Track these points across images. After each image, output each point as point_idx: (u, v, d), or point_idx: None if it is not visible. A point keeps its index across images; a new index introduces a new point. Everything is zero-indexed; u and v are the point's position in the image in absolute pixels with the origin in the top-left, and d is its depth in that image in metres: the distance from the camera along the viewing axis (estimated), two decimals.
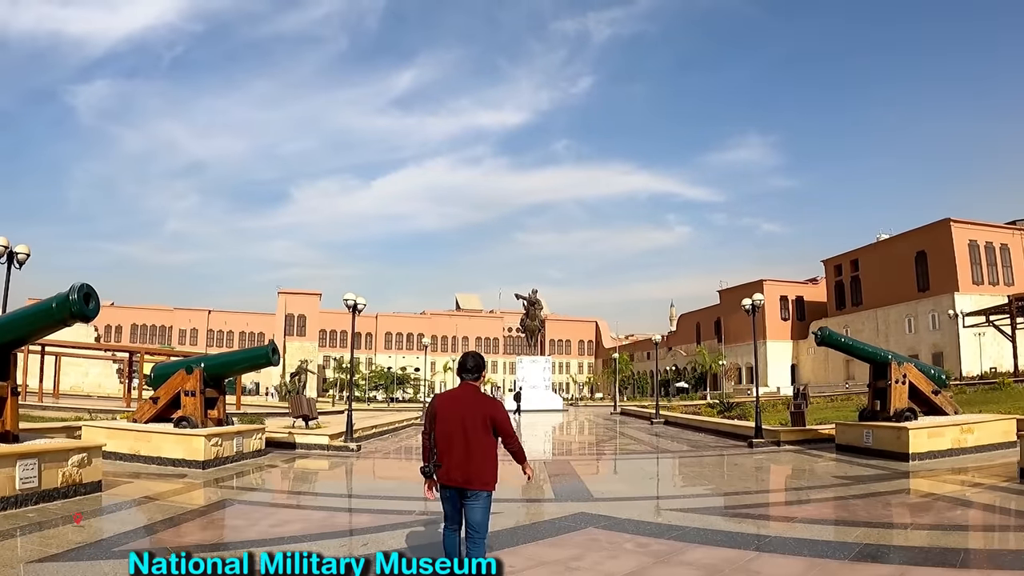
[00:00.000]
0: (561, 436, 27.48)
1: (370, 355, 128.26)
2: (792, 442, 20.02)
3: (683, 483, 13.24)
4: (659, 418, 32.76)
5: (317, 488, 13.40)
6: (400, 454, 18.88)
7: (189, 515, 8.90)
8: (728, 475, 14.37)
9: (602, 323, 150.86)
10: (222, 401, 16.22)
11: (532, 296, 64.05)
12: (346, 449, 18.05)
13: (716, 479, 14.00)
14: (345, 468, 15.34)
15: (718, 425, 25.53)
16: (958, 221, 70.86)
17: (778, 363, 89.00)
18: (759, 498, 11.05)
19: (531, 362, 60.02)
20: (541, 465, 15.51)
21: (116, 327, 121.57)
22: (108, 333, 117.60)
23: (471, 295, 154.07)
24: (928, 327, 71.54)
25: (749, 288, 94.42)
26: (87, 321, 10.12)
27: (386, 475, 14.19)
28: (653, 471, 15.26)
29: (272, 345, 15.32)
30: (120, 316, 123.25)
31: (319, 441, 18.33)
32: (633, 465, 16.35)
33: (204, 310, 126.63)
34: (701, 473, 14.65)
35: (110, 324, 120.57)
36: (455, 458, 5.16)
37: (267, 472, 14.11)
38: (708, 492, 11.85)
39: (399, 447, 20.90)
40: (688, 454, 18.66)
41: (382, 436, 23.98)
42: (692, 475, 14.35)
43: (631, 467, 15.98)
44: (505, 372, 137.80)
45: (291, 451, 17.95)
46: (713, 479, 13.97)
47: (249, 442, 15.93)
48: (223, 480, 12.30)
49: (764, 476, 14.02)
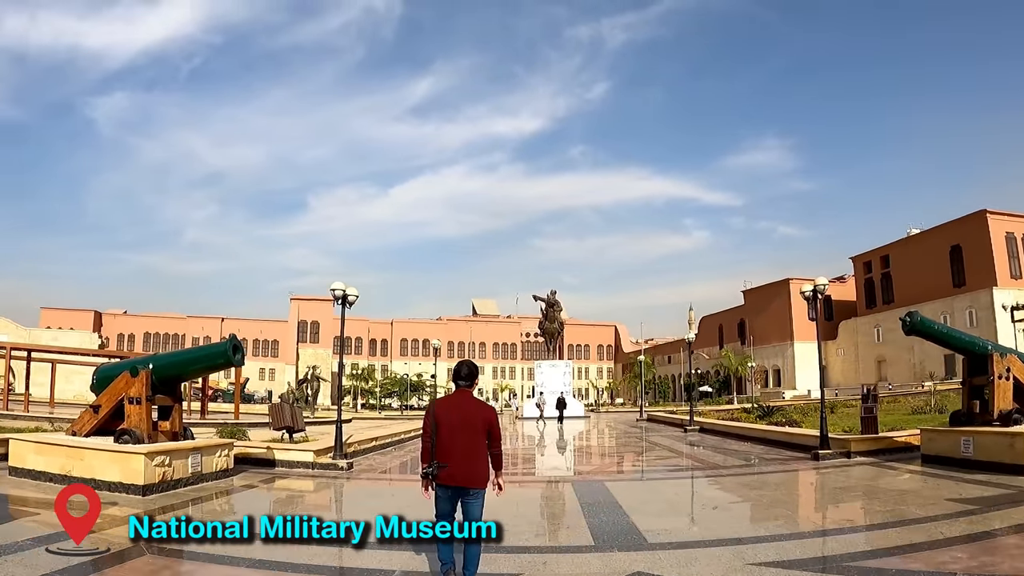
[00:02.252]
0: (587, 447, 24.44)
1: (386, 362, 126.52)
2: (864, 453, 17.06)
3: (762, 514, 10.18)
4: (693, 425, 29.69)
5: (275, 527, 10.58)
6: (399, 472, 15.94)
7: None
8: (813, 500, 11.42)
9: (621, 327, 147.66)
10: (178, 411, 13.51)
11: (551, 297, 61.04)
12: (334, 467, 15.19)
13: (801, 507, 11.07)
14: (328, 494, 12.53)
15: (767, 433, 22.45)
16: (995, 213, 67.19)
17: (807, 365, 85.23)
18: (878, 538, 8.03)
19: (550, 366, 56.94)
20: (569, 488, 12.62)
21: (129, 335, 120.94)
22: (120, 342, 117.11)
23: (488, 300, 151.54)
24: (965, 324, 67.72)
25: (775, 288, 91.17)
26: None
27: (373, 504, 11.29)
28: (712, 496, 12.28)
29: (232, 341, 12.51)
30: (133, 324, 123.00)
31: (302, 458, 15.50)
32: (683, 487, 13.38)
33: (217, 318, 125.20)
34: (776, 498, 11.63)
35: (123, 332, 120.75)
36: (457, 459, 5.43)
37: (221, 501, 11.28)
38: (802, 529, 8.81)
39: (401, 463, 18.01)
40: (744, 470, 15.67)
41: (384, 449, 21.11)
42: (767, 501, 11.33)
43: (682, 490, 13.01)
44: (523, 378, 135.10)
45: (268, 470, 15.16)
46: (796, 506, 11.04)
47: (212, 460, 13.16)
48: (163, 511, 9.49)
49: (860, 502, 10.98)
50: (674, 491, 12.39)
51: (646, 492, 12.38)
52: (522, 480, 14.13)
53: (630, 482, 13.82)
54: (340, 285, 16.05)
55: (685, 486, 13.22)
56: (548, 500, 11.40)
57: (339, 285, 16.02)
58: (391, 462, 17.92)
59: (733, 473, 15.07)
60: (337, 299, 16.04)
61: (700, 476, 14.88)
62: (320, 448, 16.01)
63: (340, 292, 16.03)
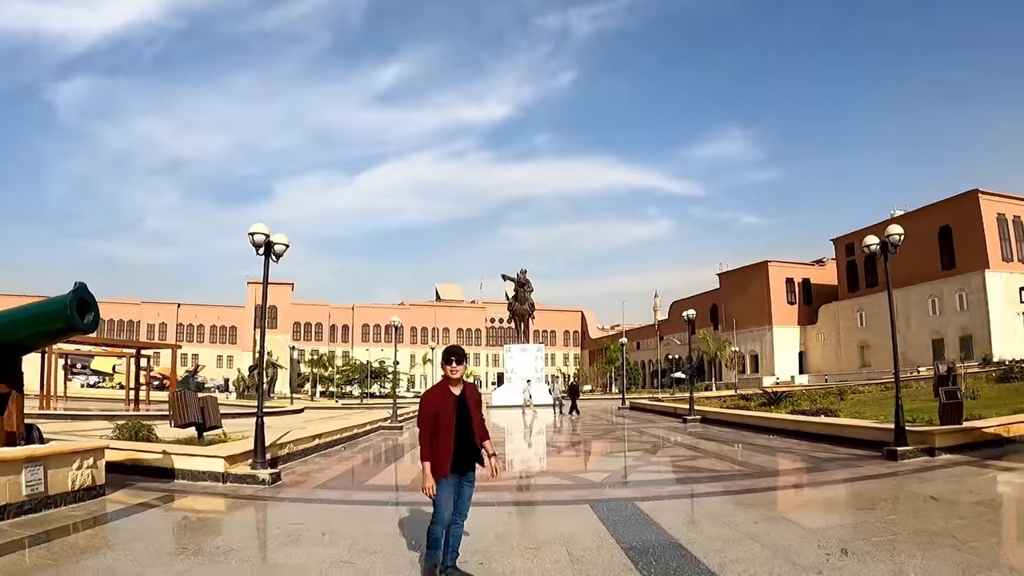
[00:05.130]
0: (583, 446, 20.11)
1: (347, 348, 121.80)
2: (951, 449, 13.28)
3: (932, 563, 6.18)
4: (694, 415, 25.71)
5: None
6: (344, 486, 11.43)
7: None
8: (976, 527, 7.37)
9: (588, 313, 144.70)
10: (17, 401, 9.11)
11: (521, 276, 56.50)
12: (251, 480, 10.76)
13: (973, 541, 6.99)
14: (218, 539, 8.20)
15: (799, 425, 18.49)
16: (986, 193, 64.54)
17: (786, 350, 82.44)
18: None
19: (521, 351, 52.63)
20: (589, 515, 8.41)
21: None
22: None
23: (452, 285, 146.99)
24: (955, 308, 65.25)
25: (752, 270, 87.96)
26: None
27: (293, 559, 6.76)
28: (813, 524, 8.06)
29: (79, 293, 8.10)
30: None
31: (210, 466, 11.03)
32: (755, 510, 9.03)
33: (173, 303, 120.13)
34: (918, 527, 7.46)
35: None
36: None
37: (38, 551, 6.84)
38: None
39: (349, 470, 13.59)
40: (813, 477, 11.56)
41: (330, 449, 16.65)
42: (908, 532, 7.22)
43: (756, 514, 8.74)
44: (488, 364, 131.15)
45: (164, 483, 10.74)
46: (965, 542, 6.96)
47: (66, 476, 8.81)
48: None
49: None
50: (747, 517, 8.25)
51: (709, 520, 8.21)
52: (518, 500, 9.91)
53: (673, 501, 9.64)
54: (263, 228, 11.44)
55: (756, 507, 9.09)
56: (567, 541, 7.24)
57: (261, 228, 11.42)
58: (335, 469, 13.28)
59: (803, 483, 10.98)
60: (258, 248, 11.53)
61: (761, 488, 10.73)
62: (235, 453, 11.52)
63: (262, 238, 11.48)
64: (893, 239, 14.12)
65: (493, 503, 9.15)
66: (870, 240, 14.54)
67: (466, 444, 5.43)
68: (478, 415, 5.59)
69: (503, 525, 7.85)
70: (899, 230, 14.20)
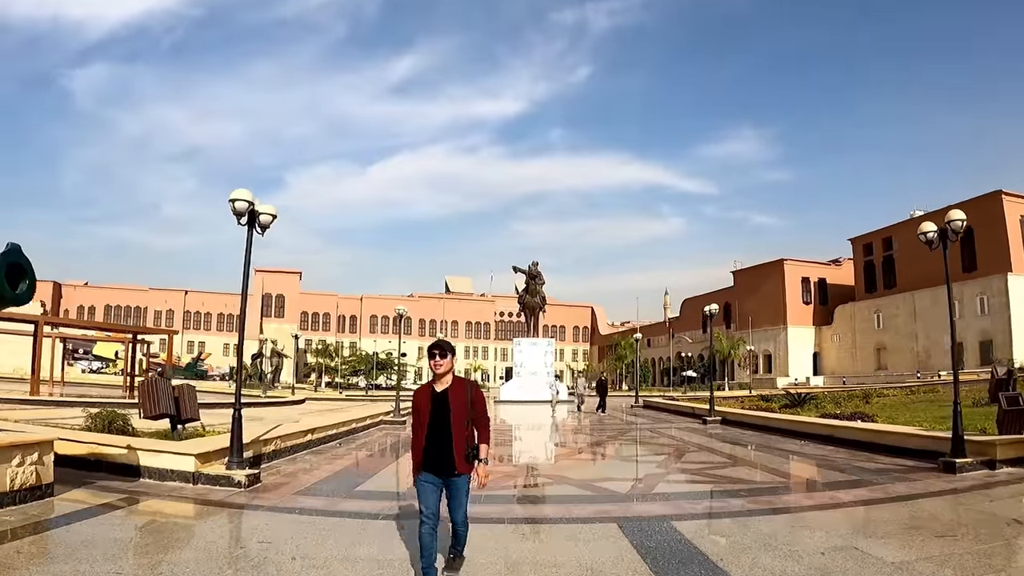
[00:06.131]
0: (599, 449, 18.53)
1: (355, 339, 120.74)
2: (1014, 462, 11.83)
3: None
4: (714, 416, 24.25)
5: None
6: (331, 491, 10.01)
7: None
8: None
9: (598, 309, 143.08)
10: None
11: (532, 269, 55.08)
12: (226, 482, 9.42)
13: None
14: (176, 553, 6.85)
15: (833, 430, 17.00)
16: (1010, 194, 62.59)
17: (800, 351, 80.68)
18: None
19: (531, 345, 51.27)
20: (620, 540, 7.00)
21: (89, 307, 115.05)
22: (81, 313, 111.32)
23: (462, 278, 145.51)
24: (975, 312, 63.35)
25: (767, 269, 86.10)
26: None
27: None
28: (888, 562, 6.62)
29: (8, 255, 6.72)
30: (93, 296, 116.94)
31: (179, 465, 9.67)
32: (819, 535, 7.41)
33: (180, 290, 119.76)
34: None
35: (83, 304, 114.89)
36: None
37: None
38: None
39: (340, 470, 12.23)
40: (862, 493, 10.10)
41: (320, 446, 15.30)
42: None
43: (821, 540, 7.29)
44: (496, 358, 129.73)
45: (128, 482, 9.42)
46: None
47: (3, 473, 7.52)
48: None
49: None
50: (809, 544, 6.77)
51: (764, 549, 6.73)
52: (532, 516, 8.48)
53: (715, 521, 8.22)
54: (245, 195, 9.89)
55: (815, 531, 7.61)
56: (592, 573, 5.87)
57: (243, 195, 9.89)
58: (324, 470, 11.81)
59: (858, 500, 9.49)
60: (240, 217, 10.05)
61: (812, 506, 9.25)
62: (209, 450, 10.16)
63: (244, 205, 9.96)
64: (955, 225, 12.62)
65: (503, 519, 7.77)
66: (927, 227, 13.04)
67: (440, 445, 4.99)
68: (462, 414, 5.04)
69: (516, 550, 6.47)
70: (961, 216, 12.72)
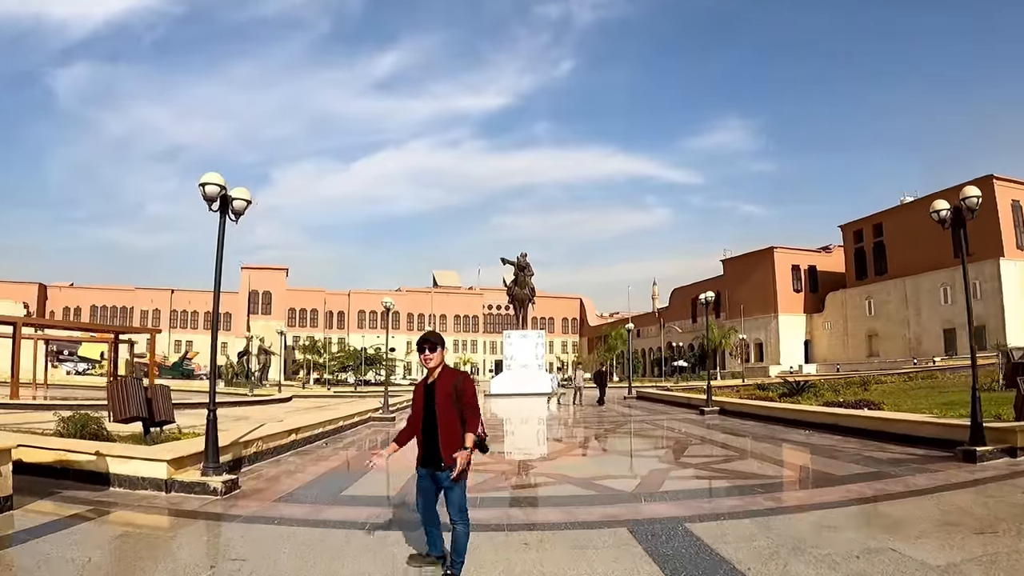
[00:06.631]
0: (598, 443, 17.83)
1: (342, 335, 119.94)
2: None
3: None
4: (712, 406, 23.70)
5: None
6: (315, 498, 9.30)
7: None
8: None
9: (587, 301, 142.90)
10: None
11: (521, 260, 54.37)
12: (200, 489, 8.68)
13: None
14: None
15: (838, 419, 16.41)
16: (1002, 179, 62.35)
17: (791, 339, 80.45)
18: None
19: (521, 337, 50.62)
20: (627, 540, 6.37)
21: (75, 308, 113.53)
22: (67, 315, 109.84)
23: (449, 272, 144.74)
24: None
25: (757, 257, 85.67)
26: None
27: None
28: (932, 565, 5.92)
29: None
30: (79, 297, 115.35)
31: (151, 472, 8.90)
32: (847, 534, 6.49)
33: (167, 290, 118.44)
34: None
35: (68, 306, 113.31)
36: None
37: None
38: None
39: (324, 474, 11.40)
40: (883, 486, 9.44)
41: (307, 446, 14.45)
42: None
43: (856, 546, 6.38)
44: (485, 352, 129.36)
45: (96, 491, 8.67)
46: None
47: None
48: None
49: None
50: (841, 546, 6.13)
51: (794, 554, 6.05)
52: (533, 521, 7.75)
53: (734, 522, 7.47)
54: (216, 179, 9.08)
55: (843, 530, 6.95)
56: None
57: (214, 178, 9.07)
58: (308, 472, 10.91)
59: (880, 493, 8.83)
60: (211, 203, 9.26)
61: (834, 502, 8.52)
62: (184, 455, 9.39)
63: (215, 190, 9.18)
64: (970, 202, 12.04)
65: (502, 526, 7.06)
66: (939, 205, 12.48)
67: (428, 437, 5.06)
68: (446, 405, 4.99)
69: (518, 561, 5.78)
70: (977, 192, 12.18)
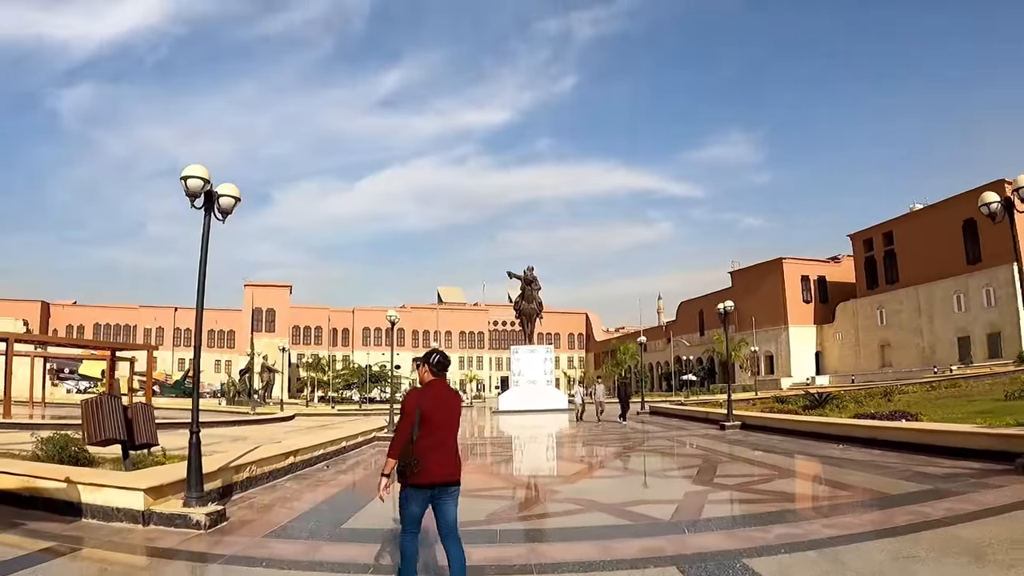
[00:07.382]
0: (620, 463, 16.66)
1: (347, 352, 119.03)
2: None
3: None
4: (733, 421, 22.64)
5: None
6: (312, 532, 8.24)
7: None
8: None
9: (593, 316, 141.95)
10: None
11: (528, 274, 53.27)
12: (182, 522, 7.68)
13: None
14: None
15: (875, 432, 15.36)
16: (1011, 183, 61.17)
17: (802, 350, 79.21)
18: None
19: (529, 352, 49.51)
20: None
21: (78, 326, 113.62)
22: (70, 333, 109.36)
23: (454, 288, 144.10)
24: (982, 304, 61.95)
25: (766, 268, 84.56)
26: None
27: None
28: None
29: None
30: (82, 315, 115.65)
31: (126, 502, 7.92)
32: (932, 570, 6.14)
33: (170, 308, 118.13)
34: None
35: (71, 323, 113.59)
36: (444, 455, 4.82)
37: None
38: None
39: (323, 502, 10.34)
40: (947, 507, 8.36)
41: (306, 469, 13.40)
42: None
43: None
44: (491, 368, 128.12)
45: (64, 524, 7.71)
46: None
47: None
48: None
49: None
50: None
51: None
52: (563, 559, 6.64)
53: (797, 556, 6.49)
54: (200, 172, 8.14)
55: (924, 562, 5.85)
56: None
57: (197, 171, 8.13)
58: (306, 500, 9.88)
59: (947, 515, 7.79)
60: (194, 199, 8.33)
61: (900, 528, 7.46)
62: (164, 482, 8.40)
63: (199, 184, 8.19)
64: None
65: (530, 567, 6.03)
66: (989, 197, 11.51)
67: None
68: (403, 423, 4.78)
69: None
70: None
